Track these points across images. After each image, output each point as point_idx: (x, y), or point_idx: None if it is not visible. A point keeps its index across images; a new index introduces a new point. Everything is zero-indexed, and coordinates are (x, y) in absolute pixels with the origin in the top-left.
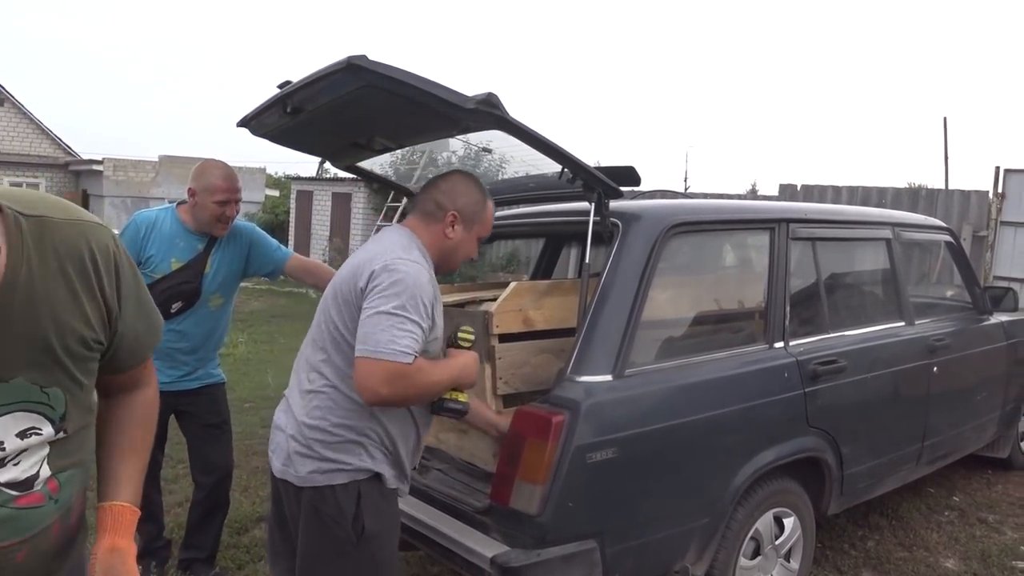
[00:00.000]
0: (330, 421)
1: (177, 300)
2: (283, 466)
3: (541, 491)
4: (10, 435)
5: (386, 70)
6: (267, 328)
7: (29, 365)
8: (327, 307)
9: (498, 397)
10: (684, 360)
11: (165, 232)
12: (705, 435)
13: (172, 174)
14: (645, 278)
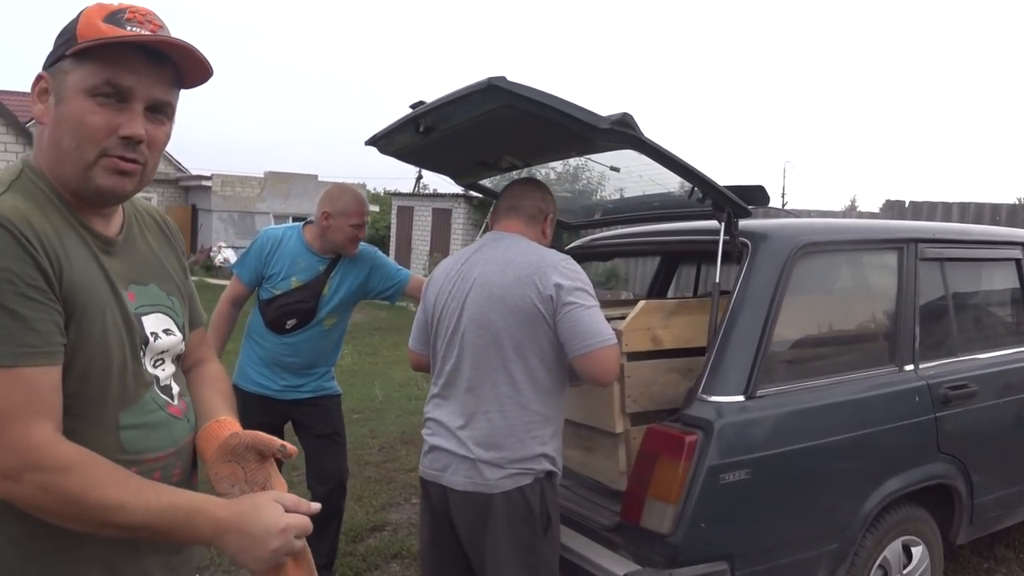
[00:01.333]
0: (514, 430)
1: (292, 318)
2: (465, 478)
3: (673, 510)
4: (159, 329)
5: (524, 91)
6: (371, 340)
7: (156, 276)
8: (491, 325)
9: (626, 415)
10: (814, 382)
11: (289, 251)
12: (836, 459)
13: (276, 189)
14: (776, 298)
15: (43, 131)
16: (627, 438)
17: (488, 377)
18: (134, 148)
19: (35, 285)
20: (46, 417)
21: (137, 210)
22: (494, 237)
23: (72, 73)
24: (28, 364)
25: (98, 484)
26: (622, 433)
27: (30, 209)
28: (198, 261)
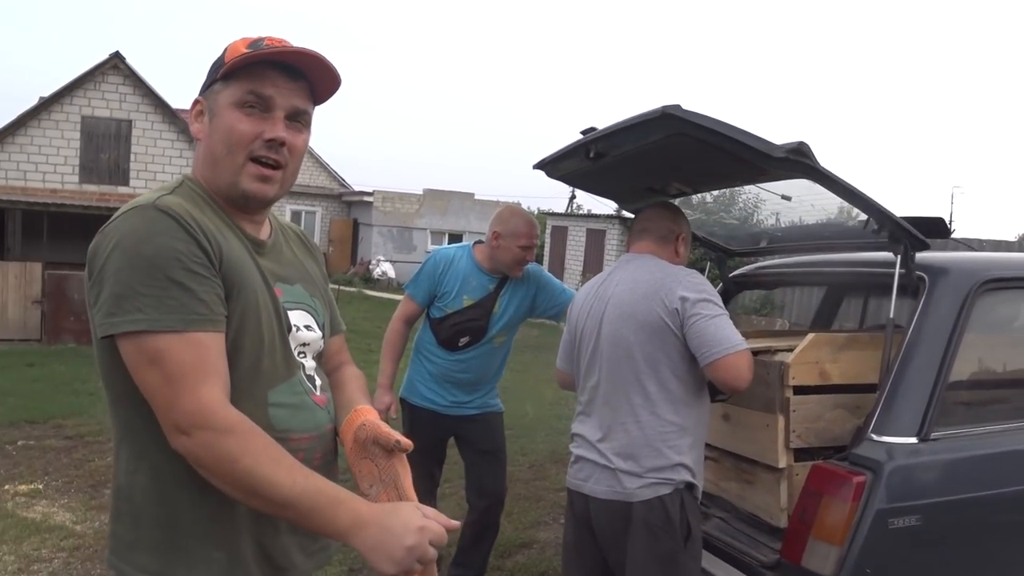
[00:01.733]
0: (650, 440)
1: (465, 335)
2: (607, 487)
3: (837, 552)
4: (300, 323)
5: (699, 119)
6: (522, 358)
7: (301, 279)
8: (624, 341)
9: (789, 450)
10: (994, 426)
11: (460, 270)
12: (1015, 511)
13: (434, 206)
14: (954, 336)
15: (200, 146)
16: (790, 474)
17: (623, 390)
18: (277, 150)
19: (199, 262)
20: (216, 378)
21: (282, 225)
22: (626, 259)
23: (222, 92)
24: (198, 329)
25: (253, 452)
26: (785, 468)
27: (190, 206)
28: (357, 273)
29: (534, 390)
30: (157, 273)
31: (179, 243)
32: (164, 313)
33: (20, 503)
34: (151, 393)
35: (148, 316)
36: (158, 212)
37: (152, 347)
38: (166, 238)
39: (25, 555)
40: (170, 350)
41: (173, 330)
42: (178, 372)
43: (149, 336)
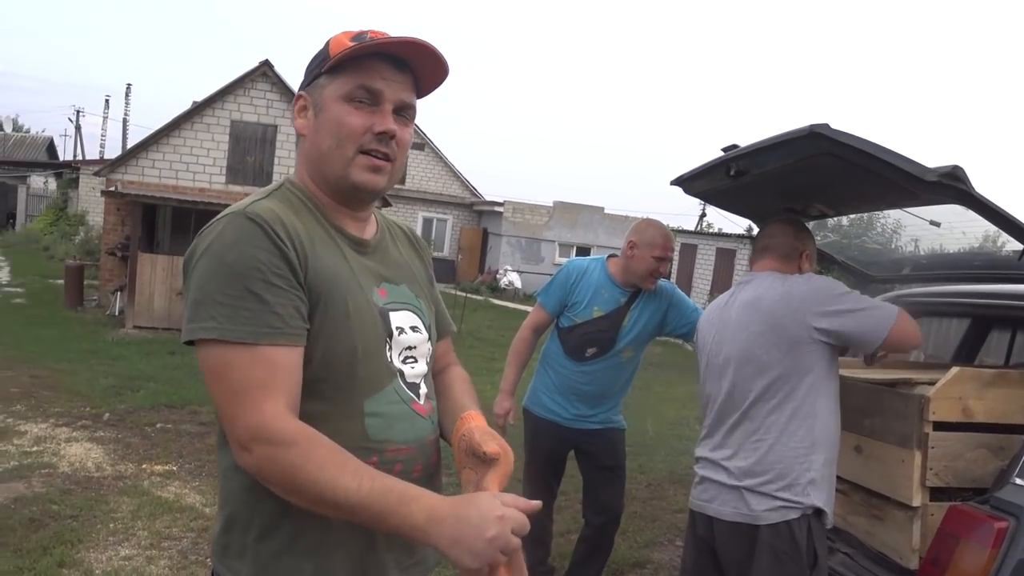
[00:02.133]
0: (782, 457)
1: (593, 346)
2: (733, 509)
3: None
4: (407, 326)
5: (848, 139)
6: (645, 375)
7: (407, 279)
8: (754, 359)
9: (925, 489)
10: None
11: (593, 281)
12: None
13: (563, 219)
14: None
15: (304, 142)
16: (924, 513)
17: (752, 409)
18: (387, 143)
19: (279, 273)
20: (281, 393)
21: (390, 223)
22: (747, 278)
23: (328, 86)
24: (269, 343)
25: (317, 460)
26: (919, 507)
27: (284, 210)
28: (484, 281)
29: (656, 408)
30: (235, 282)
31: (261, 252)
32: (236, 324)
33: (155, 482)
34: (217, 405)
35: (220, 325)
36: (246, 220)
37: (220, 358)
38: (248, 247)
39: (157, 532)
40: (237, 362)
41: (243, 342)
42: (242, 387)
43: (218, 346)
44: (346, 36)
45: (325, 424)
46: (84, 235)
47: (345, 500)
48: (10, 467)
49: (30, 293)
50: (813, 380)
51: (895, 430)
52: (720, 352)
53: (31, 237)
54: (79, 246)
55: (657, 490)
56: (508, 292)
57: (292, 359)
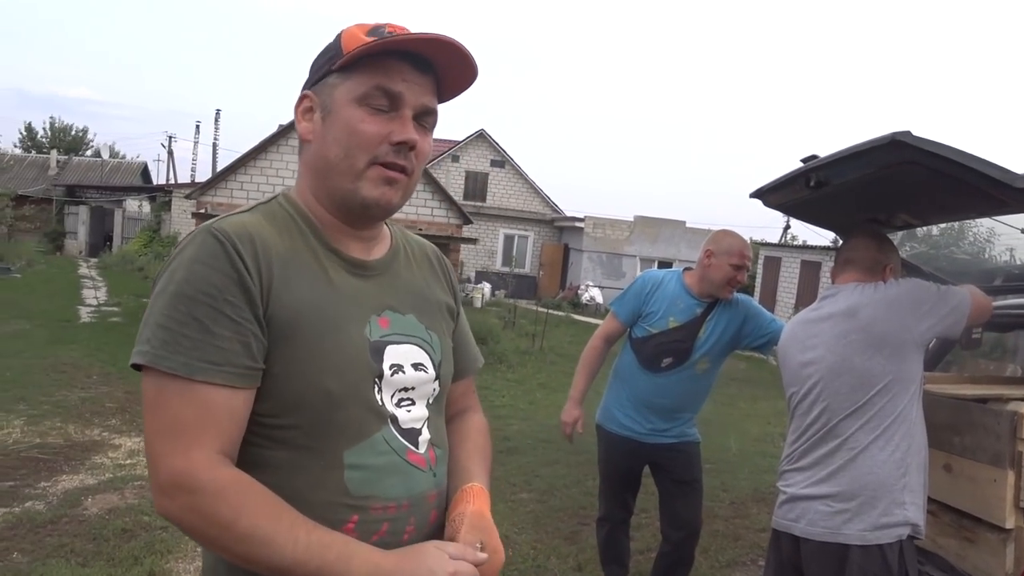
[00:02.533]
0: (876, 478)
1: (668, 356)
2: (823, 529)
3: None
4: (408, 363)
5: (932, 146)
6: (727, 391)
7: (417, 308)
8: (853, 370)
9: (1019, 510)
10: None
11: (668, 292)
12: None
13: (644, 233)
14: None
15: (308, 149)
16: (1019, 536)
17: (847, 422)
18: (405, 155)
19: (232, 301)
20: (213, 438)
21: (408, 242)
22: (832, 291)
23: (340, 86)
24: (204, 380)
25: (249, 514)
26: (1013, 529)
27: (262, 226)
28: (566, 297)
29: (739, 425)
30: (180, 305)
31: (216, 275)
32: (171, 352)
33: None
34: (145, 439)
35: (154, 351)
36: (208, 235)
37: (153, 388)
38: (202, 267)
39: None
40: (168, 397)
41: (175, 374)
42: (169, 425)
43: (153, 374)
44: (361, 30)
45: (299, 476)
46: None
47: (276, 558)
48: (105, 479)
49: (126, 312)
50: (915, 388)
51: (986, 448)
52: (811, 365)
53: (127, 258)
54: None
55: (740, 508)
56: (589, 308)
57: (232, 401)
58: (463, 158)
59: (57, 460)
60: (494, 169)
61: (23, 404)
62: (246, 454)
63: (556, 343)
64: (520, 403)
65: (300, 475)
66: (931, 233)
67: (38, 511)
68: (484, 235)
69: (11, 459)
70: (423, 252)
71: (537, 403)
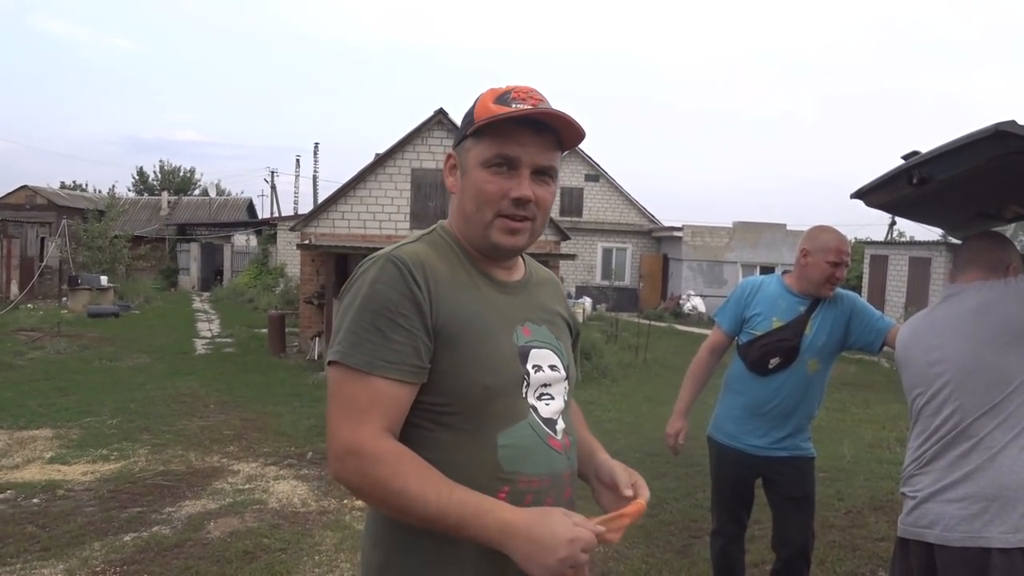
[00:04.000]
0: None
1: (775, 356)
2: (962, 534)
3: None
4: (545, 364)
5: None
6: (839, 396)
7: (548, 322)
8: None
9: None
10: None
11: (769, 293)
12: None
13: (744, 239)
14: None
15: (454, 199)
16: None
17: (981, 421)
18: (524, 207)
19: (405, 314)
20: (380, 418)
21: (537, 269)
22: (955, 290)
23: (472, 150)
24: (380, 374)
25: (402, 475)
26: None
27: (429, 254)
28: (668, 308)
29: (852, 430)
30: (365, 315)
31: (394, 293)
32: (357, 352)
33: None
34: (327, 418)
35: (343, 350)
36: (388, 262)
37: (337, 378)
38: (383, 286)
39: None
40: (348, 385)
41: (358, 368)
42: (348, 405)
43: (339, 368)
44: (491, 96)
45: (458, 452)
46: (284, 286)
47: (424, 511)
48: (226, 503)
49: (238, 343)
50: None
51: None
52: (939, 364)
53: (237, 291)
54: (280, 297)
55: (857, 517)
56: (692, 317)
57: (398, 392)
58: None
59: (180, 486)
60: (588, 183)
61: (147, 434)
62: (417, 436)
63: (659, 355)
64: (626, 416)
65: (461, 452)
66: None
67: (164, 535)
68: (582, 250)
69: (138, 486)
70: (548, 277)
71: (643, 416)
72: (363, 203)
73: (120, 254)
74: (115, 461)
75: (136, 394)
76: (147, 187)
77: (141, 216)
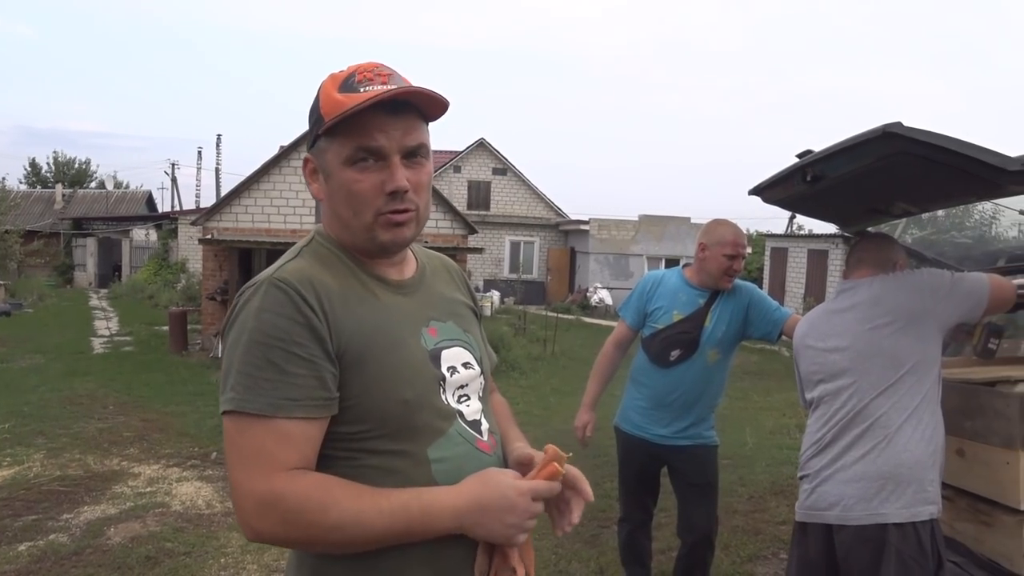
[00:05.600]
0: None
1: (676, 348)
2: (861, 513)
3: None
4: (459, 363)
5: (923, 136)
6: (741, 385)
7: (452, 315)
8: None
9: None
10: None
11: (670, 287)
12: None
13: (650, 232)
14: None
15: (324, 206)
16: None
17: (875, 404)
18: (402, 198)
19: (301, 343)
20: (293, 459)
21: (429, 257)
22: (850, 284)
23: (329, 150)
24: (285, 416)
25: (335, 506)
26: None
27: (315, 269)
28: (575, 301)
29: (754, 418)
30: (255, 351)
31: (283, 321)
32: (254, 395)
33: None
34: (229, 472)
35: (239, 396)
36: (271, 286)
37: (236, 426)
38: (270, 315)
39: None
40: (251, 432)
41: (261, 414)
42: (253, 455)
43: (237, 416)
44: (334, 85)
45: (390, 478)
46: (185, 282)
47: (369, 534)
48: (127, 508)
49: (138, 341)
50: (936, 371)
51: (998, 431)
52: (837, 351)
53: (136, 287)
54: (181, 293)
55: (759, 503)
56: (599, 310)
57: (309, 431)
58: (465, 168)
59: (78, 491)
60: (496, 177)
61: (42, 438)
62: (340, 469)
63: (567, 347)
64: (535, 409)
65: (393, 477)
66: (936, 216)
67: (62, 543)
68: (490, 244)
69: (33, 493)
70: (441, 264)
71: (551, 408)
72: (267, 196)
73: (11, 250)
74: (8, 467)
75: (30, 396)
76: (40, 179)
77: (34, 210)
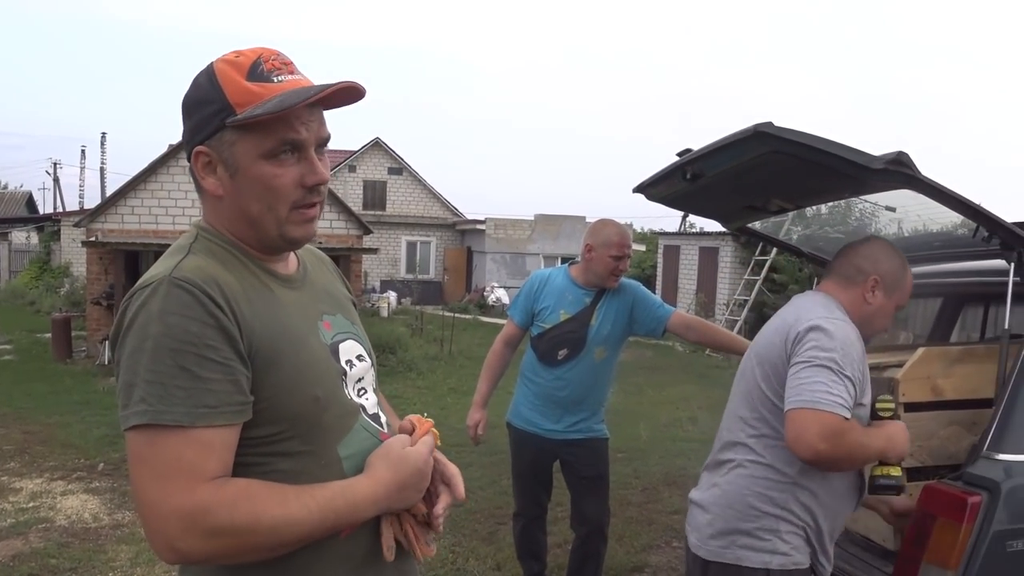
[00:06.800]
0: (750, 495)
1: (563, 347)
2: (697, 541)
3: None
4: (354, 356)
5: (792, 135)
6: (635, 380)
7: (339, 307)
8: (750, 377)
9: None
10: None
11: (556, 287)
12: None
13: (546, 231)
14: None
15: (221, 203)
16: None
17: (734, 431)
18: (317, 191)
19: (213, 346)
20: (214, 468)
21: (305, 251)
22: (796, 296)
23: (240, 143)
24: (205, 424)
25: (263, 507)
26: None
27: (214, 267)
28: (472, 300)
29: (648, 412)
30: (163, 358)
31: (192, 323)
32: (169, 405)
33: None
34: (140, 492)
35: (152, 407)
36: (173, 287)
37: (148, 440)
38: (177, 317)
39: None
40: (165, 447)
41: (178, 425)
42: (171, 468)
43: (149, 429)
44: (238, 72)
45: (304, 478)
46: (69, 287)
47: (300, 532)
48: (7, 525)
49: (18, 349)
50: None
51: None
52: (745, 359)
53: (16, 292)
54: (65, 298)
55: (652, 494)
56: (496, 309)
57: (227, 437)
58: (360, 168)
59: None
60: (392, 177)
61: None
62: (252, 474)
63: (464, 347)
64: (431, 409)
65: (305, 477)
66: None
67: None
68: (386, 244)
69: None
70: (315, 257)
71: (448, 408)
72: (155, 197)
73: None
74: None
75: None
76: None
77: None
